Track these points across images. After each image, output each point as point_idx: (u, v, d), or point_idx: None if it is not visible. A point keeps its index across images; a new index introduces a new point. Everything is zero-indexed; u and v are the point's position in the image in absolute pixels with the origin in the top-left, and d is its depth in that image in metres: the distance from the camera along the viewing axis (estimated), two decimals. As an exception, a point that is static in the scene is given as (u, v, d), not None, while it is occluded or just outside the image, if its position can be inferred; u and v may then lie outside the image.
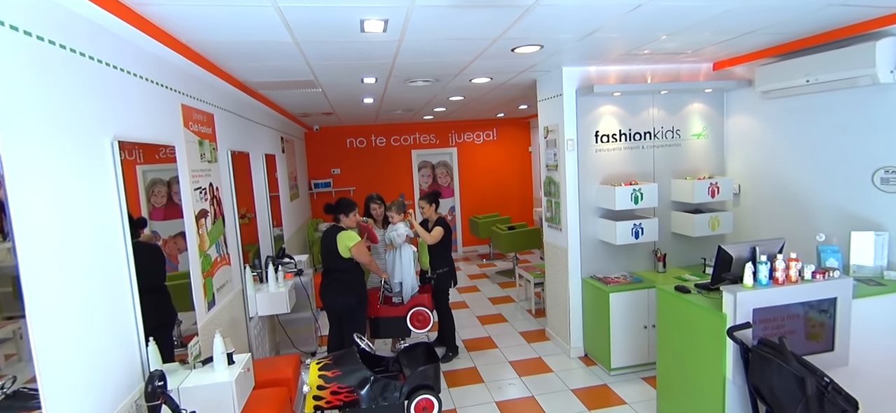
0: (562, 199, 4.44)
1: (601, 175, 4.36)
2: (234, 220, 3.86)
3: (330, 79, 4.13)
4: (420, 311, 4.21)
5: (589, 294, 4.37)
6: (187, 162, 2.93)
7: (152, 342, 2.30)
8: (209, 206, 3.29)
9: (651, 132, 4.41)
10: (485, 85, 4.95)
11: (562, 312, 4.67)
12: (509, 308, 6.11)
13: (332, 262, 3.97)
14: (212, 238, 3.28)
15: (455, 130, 9.43)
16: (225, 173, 3.73)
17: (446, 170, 9.54)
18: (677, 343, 3.11)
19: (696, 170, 4.51)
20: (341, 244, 3.90)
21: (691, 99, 4.44)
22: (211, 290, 3.19)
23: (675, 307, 3.11)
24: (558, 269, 4.65)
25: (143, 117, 2.44)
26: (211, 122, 3.48)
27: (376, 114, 7.11)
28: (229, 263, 3.64)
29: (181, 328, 2.80)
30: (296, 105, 5.67)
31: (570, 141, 4.28)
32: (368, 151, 9.14)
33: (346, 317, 4.00)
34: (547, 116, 4.61)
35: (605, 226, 4.27)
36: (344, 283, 3.93)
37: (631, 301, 4.05)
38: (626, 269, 4.50)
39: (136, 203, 2.28)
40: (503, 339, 5.11)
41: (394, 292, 4.43)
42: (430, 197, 4.65)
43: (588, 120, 4.29)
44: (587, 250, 4.42)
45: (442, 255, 4.57)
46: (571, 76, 4.22)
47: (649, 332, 4.10)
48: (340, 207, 4.02)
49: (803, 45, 3.51)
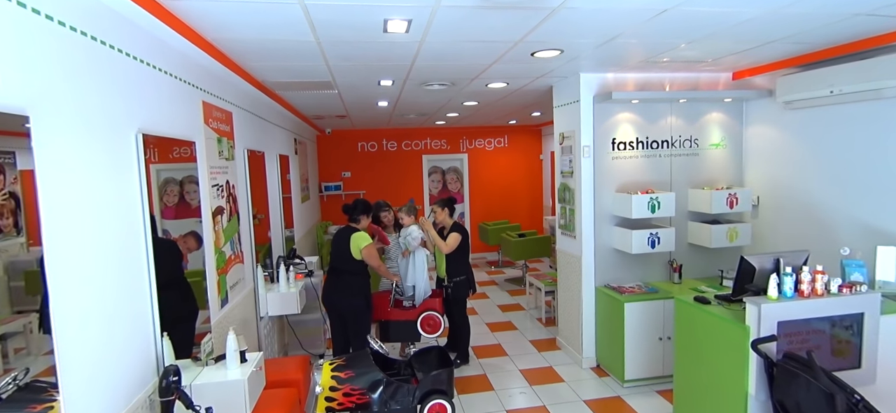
0: (576, 206, 4.40)
1: (617, 183, 4.32)
2: (249, 218, 3.85)
3: (347, 80, 4.14)
4: (431, 316, 4.17)
5: (602, 303, 4.31)
6: (206, 158, 2.93)
7: (166, 337, 2.28)
8: (225, 203, 3.28)
9: (668, 141, 4.36)
10: (500, 90, 4.94)
11: (574, 322, 4.61)
12: (519, 316, 6.05)
13: (341, 263, 3.95)
14: (227, 235, 3.27)
15: (466, 136, 9.42)
16: (241, 171, 3.73)
17: (456, 175, 9.53)
18: (696, 356, 3.05)
19: (713, 180, 4.46)
20: (354, 245, 3.88)
21: (710, 108, 4.39)
22: (224, 287, 3.17)
23: (694, 318, 3.05)
24: (571, 277, 4.60)
25: (167, 112, 2.45)
26: (229, 120, 3.49)
27: (389, 118, 7.12)
28: (242, 262, 3.63)
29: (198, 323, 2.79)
30: (311, 106, 5.69)
31: (586, 148, 4.24)
32: (379, 155, 9.15)
33: (352, 319, 3.97)
34: (563, 123, 4.59)
35: (620, 234, 4.22)
36: (352, 285, 3.91)
37: (646, 312, 3.99)
38: (640, 278, 4.44)
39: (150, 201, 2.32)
40: (513, 346, 5.05)
41: (405, 296, 4.40)
42: (444, 202, 4.63)
43: (605, 127, 4.25)
44: (601, 259, 4.37)
45: (459, 263, 4.51)
46: (589, 82, 4.19)
47: (664, 344, 4.03)
48: (357, 209, 4.02)
49: (827, 56, 3.46)
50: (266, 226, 4.53)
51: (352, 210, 4.04)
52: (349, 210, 4.07)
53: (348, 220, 4.09)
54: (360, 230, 4.00)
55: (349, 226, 4.06)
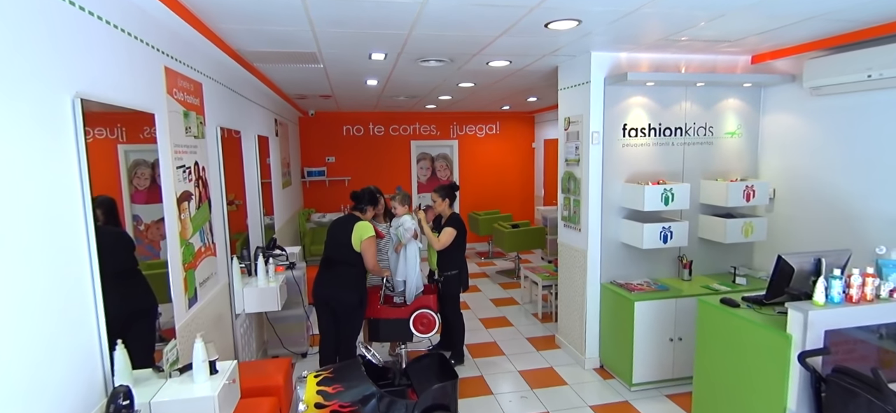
0: (582, 196, 4.08)
1: (627, 172, 4.01)
2: (223, 204, 3.43)
3: (335, 52, 3.71)
4: (424, 314, 3.82)
5: (608, 301, 4.02)
6: (169, 134, 2.50)
7: (121, 347, 1.89)
8: (194, 187, 2.86)
9: (682, 128, 4.07)
10: (501, 70, 4.57)
11: (576, 319, 4.32)
12: (513, 311, 5.76)
13: (339, 254, 3.58)
14: (196, 224, 2.85)
15: (457, 122, 9.03)
16: (213, 152, 3.30)
17: (446, 163, 9.15)
18: (722, 364, 2.77)
19: (727, 171, 4.19)
20: (356, 234, 3.51)
21: (727, 94, 4.10)
22: (193, 284, 2.76)
23: (721, 323, 2.77)
24: (574, 272, 4.30)
25: (118, 76, 2.01)
26: (199, 92, 3.04)
27: (378, 99, 6.68)
28: (215, 254, 3.21)
29: (161, 321, 2.40)
30: (293, 83, 5.23)
31: (595, 134, 3.91)
32: (365, 140, 8.70)
33: (345, 316, 3.60)
34: (569, 107, 4.25)
35: (630, 228, 3.92)
36: (348, 278, 3.54)
37: (657, 311, 3.71)
38: (648, 275, 4.16)
39: (117, 185, 2.05)
40: (509, 345, 4.75)
41: (396, 291, 4.04)
42: (445, 189, 4.26)
43: (615, 112, 3.93)
44: (607, 254, 4.08)
45: (452, 257, 4.17)
46: (601, 62, 3.86)
47: (675, 345, 3.77)
48: (365, 198, 3.69)
49: (860, 37, 3.19)
50: (243, 213, 4.10)
51: (360, 198, 3.70)
52: (357, 197, 3.72)
53: (352, 207, 3.73)
54: (364, 220, 3.63)
55: (352, 214, 3.69)
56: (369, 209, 3.73)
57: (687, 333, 3.78)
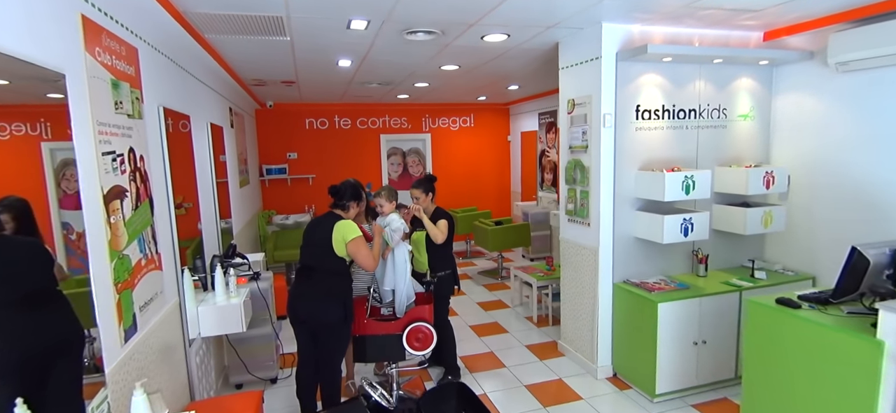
0: (591, 187, 3.65)
1: (640, 159, 3.62)
2: (169, 204, 2.74)
3: (306, 18, 3.09)
4: (420, 328, 3.27)
5: (623, 303, 3.61)
6: (90, 107, 1.83)
7: (22, 409, 1.28)
8: (129, 181, 2.18)
9: (696, 110, 3.72)
10: (496, 47, 4.07)
11: (584, 324, 3.90)
12: (504, 315, 5.29)
13: (318, 260, 2.96)
14: (133, 230, 2.18)
15: (429, 114, 8.48)
16: (155, 138, 2.61)
17: (418, 158, 8.59)
18: (782, 374, 2.39)
19: (740, 156, 3.88)
20: (338, 235, 2.91)
21: (740, 72, 3.79)
22: (130, 309, 2.09)
23: (780, 327, 2.39)
24: (582, 272, 3.87)
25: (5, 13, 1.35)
26: (134, 59, 2.35)
27: (347, 86, 6.03)
28: (160, 267, 2.53)
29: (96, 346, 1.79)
30: (251, 64, 4.52)
31: (606, 116, 3.49)
32: (331, 134, 8.00)
33: (327, 335, 3.00)
34: (573, 87, 3.81)
35: (647, 221, 3.52)
36: (330, 290, 2.94)
37: (681, 313, 3.34)
38: (662, 272, 3.79)
39: (42, 188, 1.69)
40: (508, 354, 4.27)
41: (384, 302, 3.46)
42: (425, 183, 3.72)
43: (628, 91, 3.52)
44: (620, 250, 3.67)
45: (444, 255, 3.66)
46: (613, 35, 3.43)
47: (699, 349, 3.41)
48: (347, 193, 3.07)
49: (888, 8, 2.92)
50: (194, 216, 3.39)
51: (340, 193, 3.08)
52: (337, 192, 3.10)
53: (332, 204, 3.11)
54: (346, 218, 3.03)
55: (332, 212, 3.07)
56: (353, 205, 3.14)
57: (711, 336, 3.43)
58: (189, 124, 3.31)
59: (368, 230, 3.29)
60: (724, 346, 3.50)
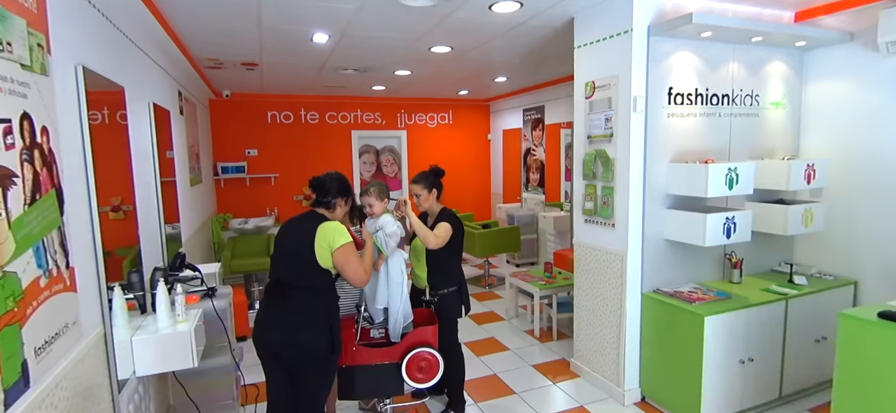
0: (617, 182, 3.15)
1: (671, 150, 3.16)
2: (89, 200, 2.00)
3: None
4: (422, 355, 2.65)
5: (655, 316, 3.13)
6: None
7: None
8: (18, 162, 1.46)
9: (729, 95, 3.31)
10: (505, 20, 3.52)
11: (606, 340, 3.39)
12: (500, 329, 4.73)
13: (296, 273, 2.28)
14: (25, 236, 1.45)
15: (405, 110, 7.86)
16: (69, 106, 1.87)
17: (393, 157, 7.93)
18: (886, 401, 1.95)
19: (772, 148, 3.51)
20: (321, 241, 2.24)
21: (772, 56, 3.42)
22: (15, 357, 1.37)
23: (887, 346, 1.94)
24: (604, 280, 3.36)
25: None
26: (31, -14, 1.62)
27: (319, 72, 5.32)
28: (73, 288, 1.79)
29: None
30: (207, 37, 3.76)
31: (637, 99, 3.00)
32: (296, 130, 7.22)
33: (308, 371, 2.32)
34: (593, 67, 3.31)
35: (682, 221, 3.06)
36: (311, 313, 2.26)
37: (728, 327, 2.88)
38: (692, 278, 3.34)
39: None
40: (515, 378, 3.70)
41: (375, 323, 2.82)
42: (430, 177, 3.13)
43: (659, 71, 3.06)
44: (650, 255, 3.19)
45: (448, 267, 3.03)
46: (644, 6, 2.96)
47: (747, 367, 2.96)
48: (334, 187, 2.41)
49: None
50: (132, 219, 2.63)
51: (324, 187, 2.41)
52: (320, 186, 2.42)
53: (313, 202, 2.44)
54: (332, 219, 2.36)
55: (314, 212, 2.40)
56: (340, 202, 2.48)
57: (758, 352, 3.00)
58: (124, 99, 2.55)
59: (359, 235, 2.63)
60: (770, 363, 3.08)
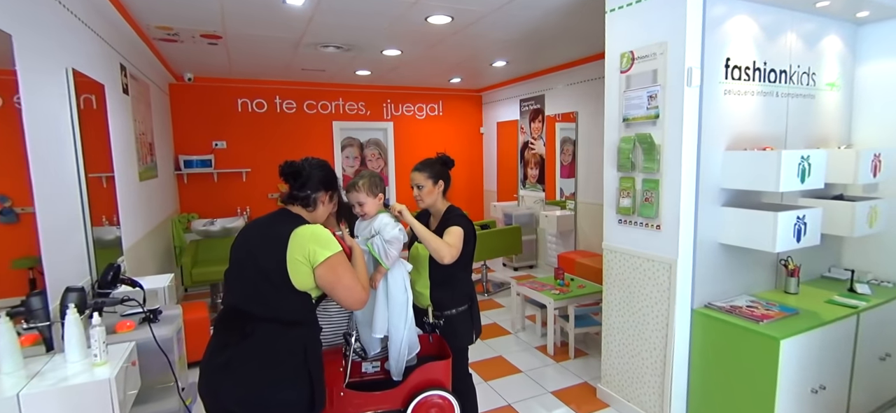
0: (664, 174, 2.58)
1: (727, 135, 2.61)
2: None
3: None
4: (433, 400, 2.03)
5: (710, 336, 2.57)
6: None
7: None
8: None
9: (787, 72, 2.78)
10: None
11: (646, 364, 2.82)
12: (506, 344, 4.13)
13: (259, 301, 1.60)
14: None
15: (392, 100, 7.19)
16: None
17: (379, 150, 7.26)
18: None
19: (826, 135, 3.02)
20: (298, 252, 1.59)
21: (827, 28, 2.92)
22: None
23: None
24: (643, 293, 2.79)
25: None
26: None
27: (295, 49, 4.62)
28: None
29: None
30: (152, -4, 3.05)
31: (692, 71, 2.43)
32: (270, 119, 6.48)
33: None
34: (631, 35, 2.72)
35: (745, 220, 2.51)
36: (282, 354, 1.60)
37: (802, 350, 2.34)
38: (744, 288, 2.81)
39: None
40: (534, 408, 3.10)
41: (370, 355, 2.19)
42: (432, 165, 2.52)
43: (715, 38, 2.50)
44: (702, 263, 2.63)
45: (456, 282, 2.36)
46: (701, -45, 2.40)
47: (819, 397, 2.44)
48: (314, 176, 1.78)
49: None
50: (29, 224, 1.92)
51: (303, 175, 1.76)
52: (295, 173, 1.76)
53: (285, 197, 1.79)
54: (311, 222, 1.72)
55: (286, 211, 1.75)
56: (323, 198, 1.84)
57: (829, 378, 2.48)
58: (12, 52, 1.84)
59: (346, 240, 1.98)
60: (839, 389, 2.57)
